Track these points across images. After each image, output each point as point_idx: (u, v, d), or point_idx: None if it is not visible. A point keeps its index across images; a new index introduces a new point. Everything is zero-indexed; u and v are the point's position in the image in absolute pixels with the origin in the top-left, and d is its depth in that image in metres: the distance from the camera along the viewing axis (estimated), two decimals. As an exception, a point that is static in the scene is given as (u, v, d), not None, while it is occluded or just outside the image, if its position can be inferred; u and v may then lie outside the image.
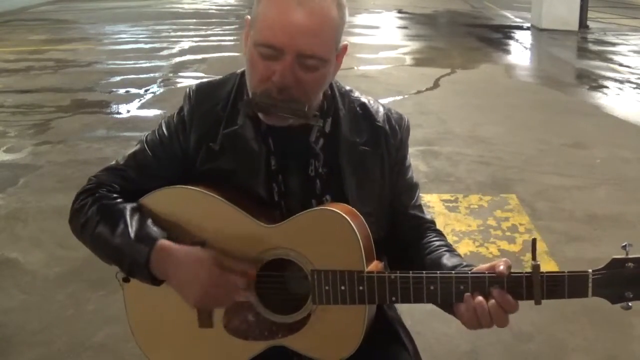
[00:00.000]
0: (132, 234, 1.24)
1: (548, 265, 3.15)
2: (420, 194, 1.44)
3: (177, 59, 8.38)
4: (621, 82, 7.30)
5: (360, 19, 12.64)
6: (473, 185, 4.16)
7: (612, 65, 8.21)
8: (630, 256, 1.12)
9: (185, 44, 9.49)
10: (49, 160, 4.65)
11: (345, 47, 1.28)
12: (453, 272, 1.19)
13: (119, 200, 1.31)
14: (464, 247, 3.33)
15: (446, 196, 3.97)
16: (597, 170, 4.46)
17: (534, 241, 1.16)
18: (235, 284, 1.21)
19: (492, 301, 1.15)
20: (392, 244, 1.40)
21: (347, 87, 1.40)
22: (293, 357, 1.31)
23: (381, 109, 1.39)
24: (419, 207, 1.42)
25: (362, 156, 1.33)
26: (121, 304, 1.34)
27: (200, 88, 1.37)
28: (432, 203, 3.87)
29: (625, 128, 5.52)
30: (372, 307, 1.25)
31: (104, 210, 1.29)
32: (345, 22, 1.24)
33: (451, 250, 1.35)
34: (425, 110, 5.94)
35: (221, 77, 1.39)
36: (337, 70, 1.30)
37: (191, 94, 1.36)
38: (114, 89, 6.79)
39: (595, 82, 7.31)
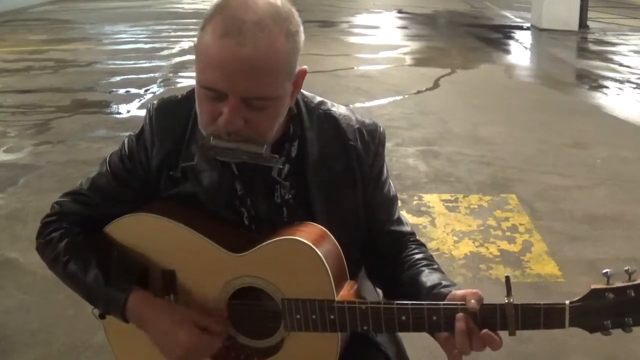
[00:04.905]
0: (104, 277, 1.23)
1: (548, 266, 3.15)
2: (398, 207, 1.38)
3: (177, 59, 8.37)
4: (621, 82, 7.29)
5: (360, 19, 12.64)
6: (473, 185, 4.16)
7: (612, 65, 8.19)
8: (609, 286, 1.06)
9: (185, 44, 9.47)
10: (49, 160, 4.65)
11: (303, 72, 1.17)
12: (424, 302, 1.14)
13: (85, 235, 1.30)
14: (464, 247, 3.33)
15: (446, 196, 3.97)
16: (597, 170, 4.46)
17: (507, 278, 1.10)
18: (214, 339, 1.21)
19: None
20: (371, 260, 1.37)
21: (317, 100, 1.30)
22: None
23: (354, 123, 1.29)
24: (397, 221, 1.35)
25: (331, 180, 1.26)
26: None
27: (161, 107, 1.32)
28: (432, 203, 3.87)
29: (625, 128, 5.52)
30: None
31: (73, 248, 1.28)
32: (299, 47, 1.12)
33: (431, 264, 1.30)
34: (425, 110, 5.94)
35: (184, 93, 1.31)
36: (295, 95, 1.20)
37: (152, 113, 1.31)
38: (114, 89, 6.79)
39: (595, 82, 7.30)
